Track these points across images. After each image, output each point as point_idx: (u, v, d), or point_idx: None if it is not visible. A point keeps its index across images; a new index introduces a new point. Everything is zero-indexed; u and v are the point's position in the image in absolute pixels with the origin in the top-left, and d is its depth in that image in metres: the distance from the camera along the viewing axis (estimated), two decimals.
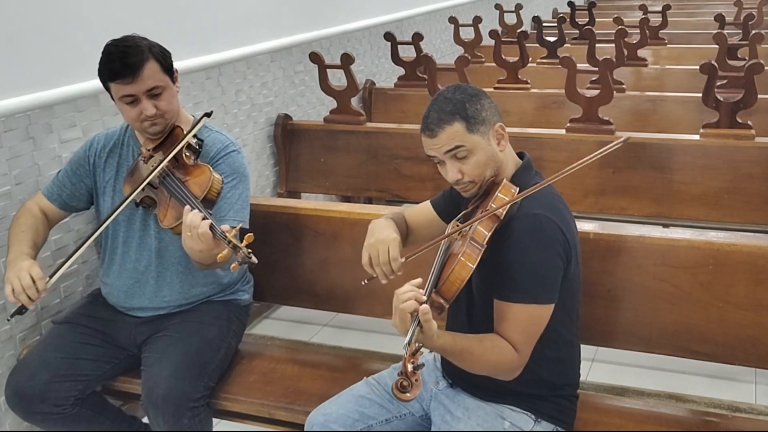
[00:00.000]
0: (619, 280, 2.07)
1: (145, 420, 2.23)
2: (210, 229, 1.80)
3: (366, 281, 1.74)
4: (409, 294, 1.48)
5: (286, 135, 3.61)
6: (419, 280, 1.54)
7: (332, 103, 3.63)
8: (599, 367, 2.84)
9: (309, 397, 2.09)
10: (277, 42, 3.57)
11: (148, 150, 2.09)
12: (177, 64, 2.11)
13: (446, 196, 1.94)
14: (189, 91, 3.00)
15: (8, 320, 2.06)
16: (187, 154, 2.07)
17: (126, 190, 2.11)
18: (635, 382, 2.60)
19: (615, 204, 3.14)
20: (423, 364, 1.42)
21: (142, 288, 2.19)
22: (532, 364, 1.67)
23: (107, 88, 2.05)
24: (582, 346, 1.90)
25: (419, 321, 1.45)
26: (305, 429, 1.88)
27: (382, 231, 1.79)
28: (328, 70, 3.59)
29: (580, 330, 1.87)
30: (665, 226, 2.81)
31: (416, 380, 1.40)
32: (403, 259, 1.72)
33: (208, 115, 2.10)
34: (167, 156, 2.02)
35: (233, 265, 1.75)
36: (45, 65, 2.36)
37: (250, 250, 1.74)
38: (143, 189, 2.05)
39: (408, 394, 1.39)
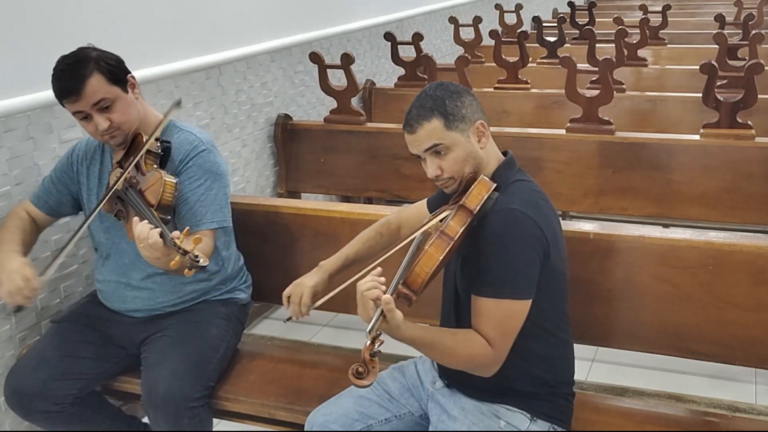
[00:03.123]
0: (619, 280, 2.07)
1: (145, 420, 2.24)
2: (161, 237, 1.77)
3: (285, 320, 1.86)
4: (371, 284, 1.53)
5: (286, 135, 3.61)
6: (380, 269, 1.58)
7: (332, 103, 3.63)
8: (599, 367, 2.84)
9: (309, 397, 2.09)
10: (277, 42, 3.57)
11: (117, 162, 2.09)
12: (177, 64, 2.10)
13: (440, 195, 1.94)
14: (189, 91, 3.00)
15: (12, 315, 2.06)
16: (148, 161, 2.02)
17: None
18: (635, 382, 2.60)
19: (615, 204, 3.14)
20: (379, 351, 1.47)
21: (134, 292, 2.18)
22: (521, 361, 1.68)
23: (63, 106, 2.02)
24: (582, 346, 1.91)
25: (382, 309, 1.49)
26: (305, 429, 1.88)
27: (306, 276, 1.94)
28: (328, 70, 3.59)
29: (580, 330, 1.87)
30: (665, 226, 2.81)
31: (373, 367, 1.44)
32: (313, 305, 1.86)
33: (177, 104, 2.03)
34: (120, 178, 1.98)
35: (186, 270, 1.73)
36: (45, 65, 2.35)
37: (197, 254, 1.72)
38: (109, 202, 2.03)
39: (364, 381, 1.44)
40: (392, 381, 1.90)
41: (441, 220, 1.64)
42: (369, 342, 1.46)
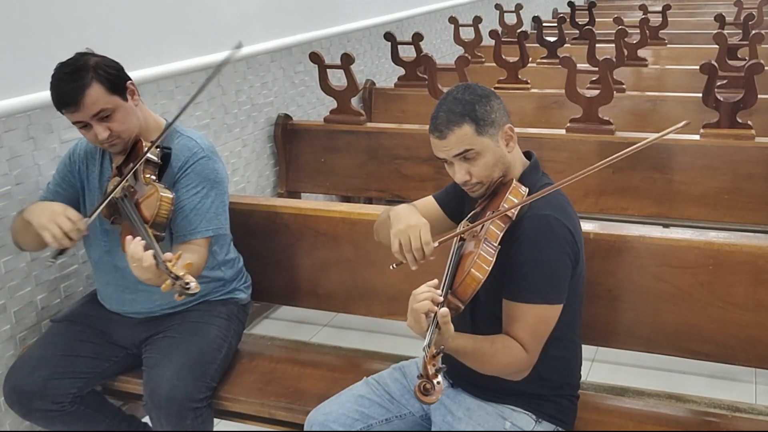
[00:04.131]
0: (620, 280, 2.07)
1: (145, 419, 2.23)
2: (154, 258, 1.75)
3: (395, 266, 1.68)
4: (426, 294, 1.49)
5: (286, 135, 3.61)
6: (435, 281, 1.55)
7: (332, 103, 3.63)
8: (599, 367, 2.84)
9: (309, 397, 2.09)
10: (277, 42, 3.57)
11: (116, 167, 2.07)
12: (177, 64, 2.09)
13: (450, 192, 1.93)
14: (189, 91, 2.99)
15: (53, 261, 2.00)
16: (147, 171, 1.98)
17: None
18: (635, 382, 2.60)
19: (615, 204, 3.14)
20: (444, 367, 1.41)
21: (132, 295, 2.18)
22: (536, 363, 1.68)
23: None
24: (582, 346, 1.90)
25: (437, 323, 1.45)
26: (305, 428, 1.88)
27: (410, 216, 1.71)
28: (328, 70, 3.59)
29: (580, 329, 1.87)
30: (665, 226, 2.81)
31: (438, 383, 1.38)
32: (436, 244, 1.65)
33: (238, 47, 1.97)
34: (116, 186, 1.95)
35: (176, 296, 1.71)
36: (45, 65, 2.35)
37: (188, 282, 1.69)
38: (107, 207, 2.01)
39: (432, 397, 1.38)
40: (393, 381, 1.89)
41: (479, 228, 1.61)
42: (430, 357, 1.39)
